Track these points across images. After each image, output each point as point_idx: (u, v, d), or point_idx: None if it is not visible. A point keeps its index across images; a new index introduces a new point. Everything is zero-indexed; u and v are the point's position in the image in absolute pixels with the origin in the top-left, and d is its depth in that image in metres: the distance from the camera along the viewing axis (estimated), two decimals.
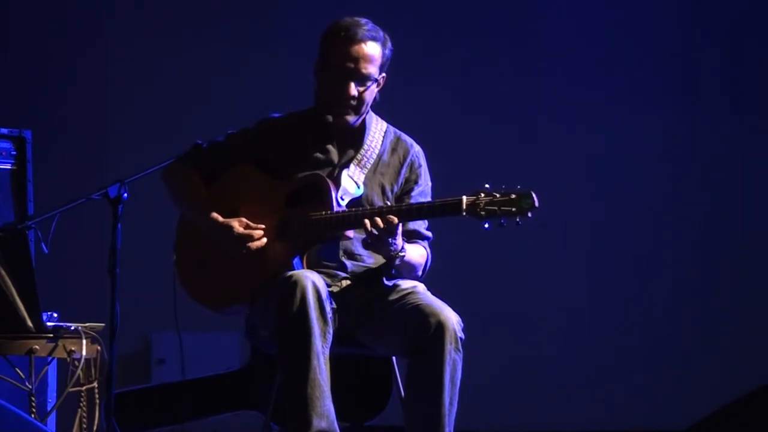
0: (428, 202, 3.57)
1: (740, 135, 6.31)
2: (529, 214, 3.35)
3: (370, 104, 3.69)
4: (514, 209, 3.35)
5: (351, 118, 3.68)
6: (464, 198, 3.38)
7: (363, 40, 3.60)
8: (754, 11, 6.34)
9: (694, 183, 6.31)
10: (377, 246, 3.49)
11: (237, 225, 3.59)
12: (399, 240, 3.48)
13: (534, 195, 3.35)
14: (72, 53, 6.01)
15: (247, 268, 3.59)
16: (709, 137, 6.31)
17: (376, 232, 3.43)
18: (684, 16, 6.35)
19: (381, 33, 3.64)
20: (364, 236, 3.53)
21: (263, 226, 3.59)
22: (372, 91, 3.66)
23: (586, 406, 6.05)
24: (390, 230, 3.43)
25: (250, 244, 3.57)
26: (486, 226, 3.38)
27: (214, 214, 3.62)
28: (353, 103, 3.64)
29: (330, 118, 3.67)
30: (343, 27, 3.62)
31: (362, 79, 3.62)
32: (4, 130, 4.59)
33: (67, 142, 5.88)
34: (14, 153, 4.59)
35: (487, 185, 3.39)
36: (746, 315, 6.21)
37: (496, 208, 3.35)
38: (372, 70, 3.62)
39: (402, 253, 3.52)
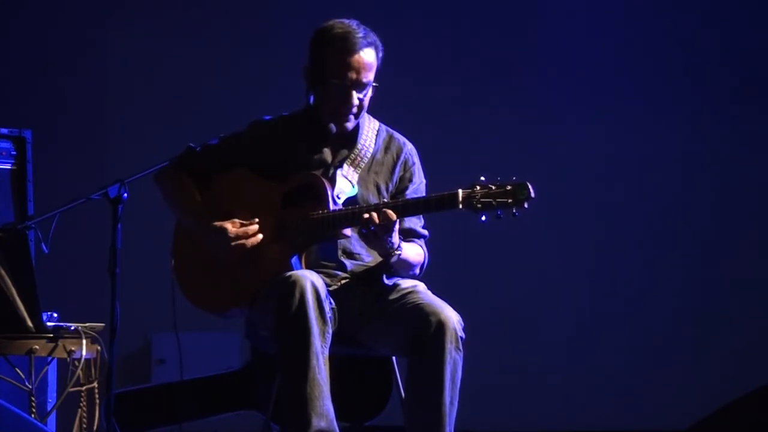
0: (424, 197, 3.56)
1: (751, 137, 6.31)
2: (526, 205, 3.35)
3: (367, 107, 3.70)
4: (510, 200, 3.35)
5: (351, 124, 3.69)
6: (460, 191, 3.38)
7: (360, 49, 3.58)
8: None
9: (698, 185, 6.30)
10: (374, 243, 3.49)
11: (230, 226, 3.58)
12: (395, 237, 3.47)
13: (530, 185, 3.35)
14: (72, 53, 6.01)
15: (246, 270, 3.58)
16: (719, 139, 6.30)
17: (372, 228, 3.43)
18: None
19: (373, 36, 3.62)
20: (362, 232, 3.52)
21: (257, 220, 3.59)
22: (369, 95, 3.66)
23: (586, 406, 6.05)
24: (387, 227, 3.43)
25: (244, 241, 3.57)
26: (483, 218, 3.38)
27: (208, 219, 3.62)
28: (355, 111, 3.65)
29: (333, 128, 3.66)
30: (337, 37, 3.59)
31: (362, 88, 3.62)
32: (4, 130, 4.59)
33: (67, 142, 5.88)
34: (14, 153, 4.59)
35: (482, 178, 3.39)
36: (747, 315, 6.21)
37: (492, 200, 3.35)
38: (370, 77, 3.62)
39: (398, 251, 3.51)
